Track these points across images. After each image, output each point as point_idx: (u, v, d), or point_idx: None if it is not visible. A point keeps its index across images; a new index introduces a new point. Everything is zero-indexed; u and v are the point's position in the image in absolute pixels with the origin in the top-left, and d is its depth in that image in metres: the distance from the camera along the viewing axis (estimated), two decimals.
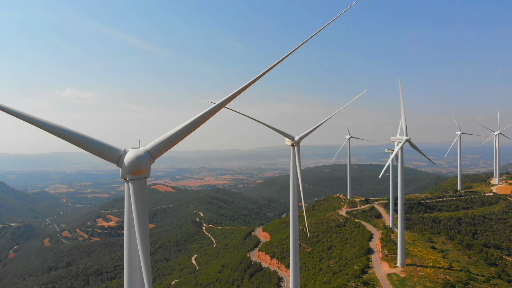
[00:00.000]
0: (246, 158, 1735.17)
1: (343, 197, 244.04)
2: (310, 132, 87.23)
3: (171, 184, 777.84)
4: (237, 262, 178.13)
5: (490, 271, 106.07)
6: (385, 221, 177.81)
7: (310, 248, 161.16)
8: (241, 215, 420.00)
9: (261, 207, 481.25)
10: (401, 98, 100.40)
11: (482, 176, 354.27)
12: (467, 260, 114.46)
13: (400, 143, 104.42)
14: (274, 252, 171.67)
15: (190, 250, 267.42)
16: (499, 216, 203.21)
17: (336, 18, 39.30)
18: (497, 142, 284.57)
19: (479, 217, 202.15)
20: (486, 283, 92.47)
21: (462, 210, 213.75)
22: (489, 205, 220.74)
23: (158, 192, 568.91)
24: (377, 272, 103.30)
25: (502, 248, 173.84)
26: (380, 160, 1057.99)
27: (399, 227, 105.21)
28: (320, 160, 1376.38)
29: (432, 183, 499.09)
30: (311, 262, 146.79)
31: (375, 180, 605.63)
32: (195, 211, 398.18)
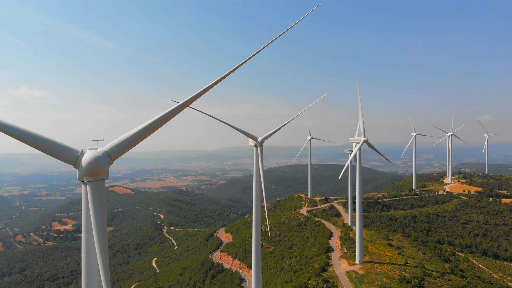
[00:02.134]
0: (209, 158, 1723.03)
1: (304, 196, 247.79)
2: (273, 133, 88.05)
3: (131, 186, 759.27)
4: (199, 264, 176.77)
5: (444, 267, 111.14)
6: (344, 219, 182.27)
7: (272, 248, 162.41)
8: (203, 216, 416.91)
9: (224, 208, 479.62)
10: (359, 100, 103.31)
11: (436, 176, 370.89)
12: (422, 256, 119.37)
13: (358, 143, 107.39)
14: (236, 253, 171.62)
15: (150, 253, 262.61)
16: (452, 214, 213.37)
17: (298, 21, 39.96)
18: (450, 143, 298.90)
19: (433, 215, 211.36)
20: (440, 279, 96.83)
21: (417, 208, 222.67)
22: (443, 203, 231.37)
23: (116, 194, 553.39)
24: (337, 270, 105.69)
25: (455, 244, 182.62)
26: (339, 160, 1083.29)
27: (358, 226, 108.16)
28: (283, 160, 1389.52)
29: (388, 183, 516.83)
30: (273, 261, 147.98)
31: (335, 179, 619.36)
32: (156, 213, 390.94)
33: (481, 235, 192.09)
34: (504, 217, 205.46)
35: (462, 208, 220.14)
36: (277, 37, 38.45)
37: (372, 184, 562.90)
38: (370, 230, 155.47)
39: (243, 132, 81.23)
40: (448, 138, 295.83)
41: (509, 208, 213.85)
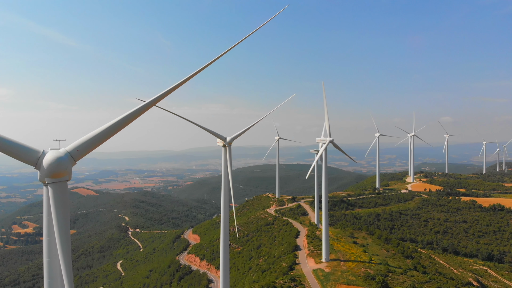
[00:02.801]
0: (176, 159, 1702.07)
1: (272, 196, 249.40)
2: (242, 133, 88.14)
3: (94, 187, 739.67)
4: (166, 266, 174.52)
5: (407, 263, 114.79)
6: (311, 218, 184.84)
7: (240, 248, 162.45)
8: (170, 218, 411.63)
9: (191, 209, 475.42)
10: (325, 101, 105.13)
11: (398, 175, 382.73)
12: (386, 253, 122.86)
13: (324, 144, 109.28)
14: (204, 254, 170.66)
15: (115, 256, 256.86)
16: (414, 212, 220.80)
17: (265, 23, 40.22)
18: (412, 143, 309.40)
19: (396, 213, 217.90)
20: (403, 275, 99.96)
21: (380, 206, 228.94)
22: (405, 201, 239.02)
23: (79, 196, 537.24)
24: (304, 268, 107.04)
25: (417, 241, 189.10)
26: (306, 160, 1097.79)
27: (324, 224, 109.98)
28: (251, 160, 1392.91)
29: (353, 182, 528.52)
30: (240, 261, 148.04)
31: (302, 179, 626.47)
32: (120, 215, 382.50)
33: (441, 232, 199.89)
34: (463, 215, 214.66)
35: (423, 206, 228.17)
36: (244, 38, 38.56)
37: (338, 183, 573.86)
38: (336, 228, 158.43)
39: (211, 132, 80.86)
40: (410, 139, 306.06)
41: (468, 206, 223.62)
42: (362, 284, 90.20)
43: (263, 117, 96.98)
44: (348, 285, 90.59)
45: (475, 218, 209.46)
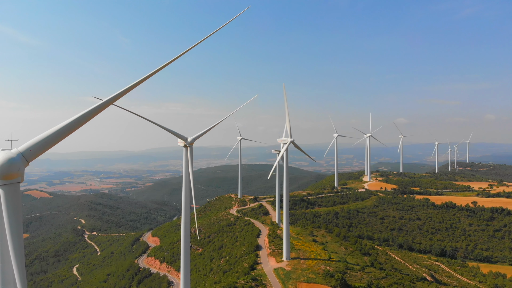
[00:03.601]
0: (134, 160, 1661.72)
1: (234, 196, 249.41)
2: (204, 134, 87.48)
3: (48, 189, 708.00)
4: (124, 269, 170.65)
5: (364, 260, 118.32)
6: (272, 217, 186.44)
7: (201, 250, 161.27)
8: (128, 220, 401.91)
9: (151, 211, 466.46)
10: (286, 103, 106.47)
11: (355, 174, 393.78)
12: (344, 251, 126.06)
13: (285, 144, 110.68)
14: (164, 257, 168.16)
15: (71, 260, 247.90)
16: (371, 210, 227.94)
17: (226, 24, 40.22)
18: (368, 143, 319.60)
19: (353, 211, 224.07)
20: (361, 272, 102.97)
21: (339, 205, 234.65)
22: (362, 200, 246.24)
23: (32, 199, 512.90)
24: (265, 268, 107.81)
25: (374, 238, 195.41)
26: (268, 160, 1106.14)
27: (284, 223, 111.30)
28: (213, 161, 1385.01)
29: (313, 181, 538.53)
30: (202, 263, 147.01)
31: (264, 179, 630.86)
32: (76, 218, 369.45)
33: (397, 229, 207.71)
34: (417, 212, 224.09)
35: (379, 204, 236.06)
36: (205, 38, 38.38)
37: (298, 182, 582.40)
38: (297, 227, 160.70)
39: (172, 132, 79.69)
40: (367, 139, 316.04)
41: (421, 204, 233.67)
42: (322, 281, 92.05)
43: (226, 118, 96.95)
44: (309, 283, 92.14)
45: (429, 215, 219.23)
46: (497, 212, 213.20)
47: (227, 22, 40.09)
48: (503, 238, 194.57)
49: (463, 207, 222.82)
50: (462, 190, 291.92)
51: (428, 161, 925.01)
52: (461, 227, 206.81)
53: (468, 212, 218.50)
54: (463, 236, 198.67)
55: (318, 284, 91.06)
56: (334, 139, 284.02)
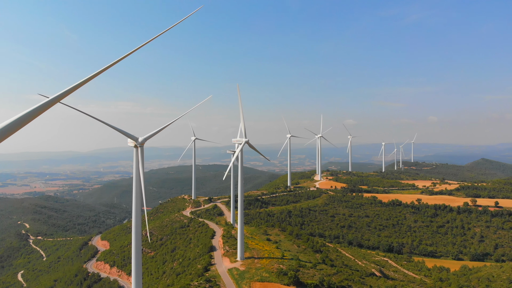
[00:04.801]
0: (82, 161, 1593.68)
1: (188, 198, 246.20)
2: (155, 133, 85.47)
3: None
4: (72, 274, 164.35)
5: (316, 258, 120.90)
6: (227, 218, 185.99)
7: (153, 253, 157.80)
8: (76, 224, 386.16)
9: (100, 214, 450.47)
10: (240, 103, 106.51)
11: (307, 174, 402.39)
12: (297, 248, 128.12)
13: (240, 144, 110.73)
14: (114, 261, 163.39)
15: (15, 266, 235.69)
16: (322, 208, 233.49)
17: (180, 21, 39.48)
18: (319, 143, 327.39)
19: (305, 209, 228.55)
20: (313, 269, 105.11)
21: (292, 203, 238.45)
22: (314, 198, 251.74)
23: None
24: (219, 268, 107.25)
25: (325, 236, 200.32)
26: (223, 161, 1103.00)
27: (239, 223, 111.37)
28: (166, 161, 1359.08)
29: (267, 181, 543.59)
30: (154, 266, 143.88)
31: (219, 179, 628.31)
32: (20, 222, 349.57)
33: (347, 226, 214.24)
34: (365, 210, 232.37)
35: (330, 202, 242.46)
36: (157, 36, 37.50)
37: (253, 182, 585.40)
38: (251, 226, 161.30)
39: (121, 131, 77.18)
40: (318, 140, 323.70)
41: (369, 202, 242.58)
42: (275, 280, 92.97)
43: (179, 117, 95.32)
44: (262, 282, 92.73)
45: (376, 212, 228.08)
46: (440, 209, 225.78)
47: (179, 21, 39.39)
48: (446, 233, 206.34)
49: (409, 205, 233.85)
50: (407, 188, 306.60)
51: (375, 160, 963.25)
52: (407, 223, 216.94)
53: (413, 209, 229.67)
54: (408, 232, 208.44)
55: (272, 283, 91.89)
56: (287, 139, 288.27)
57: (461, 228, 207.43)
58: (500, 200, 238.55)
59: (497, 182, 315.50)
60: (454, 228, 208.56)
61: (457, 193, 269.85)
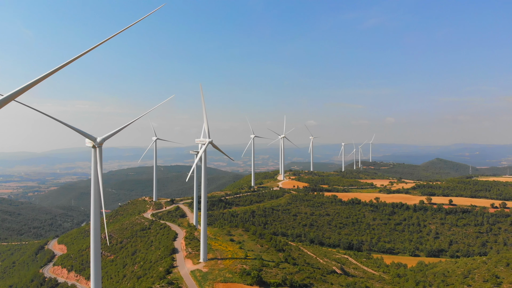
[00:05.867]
0: (37, 162, 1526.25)
1: (149, 199, 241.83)
2: (115, 133, 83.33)
3: None
4: (28, 280, 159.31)
5: (279, 257, 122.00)
6: (189, 219, 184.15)
7: (113, 256, 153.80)
8: (31, 227, 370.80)
9: (56, 217, 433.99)
10: (203, 103, 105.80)
11: (271, 174, 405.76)
12: (260, 248, 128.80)
13: (204, 145, 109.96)
14: (72, 265, 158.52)
15: None
16: (285, 207, 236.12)
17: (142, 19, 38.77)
18: (282, 144, 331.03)
19: (269, 209, 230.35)
20: (276, 268, 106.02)
21: (255, 203, 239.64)
22: (277, 198, 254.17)
23: None
24: (182, 271, 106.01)
25: (287, 235, 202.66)
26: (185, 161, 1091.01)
27: (202, 225, 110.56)
28: (125, 162, 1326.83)
29: (231, 181, 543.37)
30: (114, 270, 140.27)
31: (181, 180, 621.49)
32: None
33: (308, 225, 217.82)
34: (326, 208, 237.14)
35: (293, 201, 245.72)
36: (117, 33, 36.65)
37: (216, 183, 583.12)
38: (214, 227, 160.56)
39: (79, 131, 74.71)
40: (281, 140, 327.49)
41: (330, 201, 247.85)
42: (239, 280, 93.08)
43: (140, 117, 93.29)
44: (225, 282, 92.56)
45: (337, 211, 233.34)
46: (397, 207, 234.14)
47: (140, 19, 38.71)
48: (403, 231, 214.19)
49: (367, 203, 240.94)
50: (366, 187, 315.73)
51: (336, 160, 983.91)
52: (366, 221, 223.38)
53: (371, 207, 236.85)
54: (367, 230, 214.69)
55: (235, 283, 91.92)
56: (251, 140, 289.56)
57: (417, 226, 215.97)
58: (454, 198, 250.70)
59: (451, 181, 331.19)
60: (411, 225, 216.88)
61: (413, 192, 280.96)
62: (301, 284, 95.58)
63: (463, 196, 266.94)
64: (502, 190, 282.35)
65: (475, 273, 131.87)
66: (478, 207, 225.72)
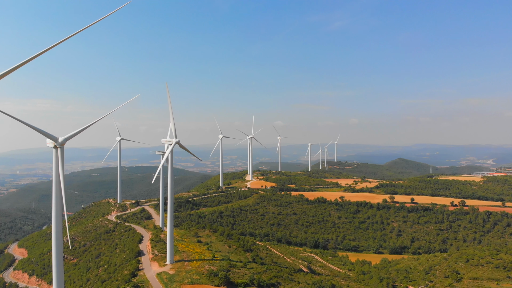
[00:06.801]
0: None
1: (113, 201, 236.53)
2: (77, 133, 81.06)
3: None
4: None
5: (247, 257, 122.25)
6: (155, 221, 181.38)
7: (76, 260, 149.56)
8: None
9: (16, 220, 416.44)
10: (169, 102, 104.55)
11: (239, 174, 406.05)
12: (228, 249, 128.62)
13: (170, 145, 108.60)
14: (33, 269, 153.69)
15: None
16: (253, 207, 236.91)
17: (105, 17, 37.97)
18: (251, 144, 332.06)
19: (237, 209, 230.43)
20: (244, 268, 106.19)
21: (223, 204, 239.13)
22: (245, 198, 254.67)
23: None
24: (148, 273, 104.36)
25: (255, 235, 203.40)
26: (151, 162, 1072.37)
27: (168, 226, 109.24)
28: (88, 163, 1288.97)
29: (198, 182, 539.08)
30: (77, 273, 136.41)
31: (147, 182, 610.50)
32: None
33: (276, 224, 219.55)
34: (293, 208, 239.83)
35: (261, 201, 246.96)
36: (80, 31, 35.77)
37: (183, 184, 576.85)
38: (181, 229, 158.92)
39: (40, 131, 72.19)
40: (249, 140, 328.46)
41: (297, 200, 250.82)
42: (206, 281, 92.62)
43: (103, 116, 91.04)
44: (193, 284, 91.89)
45: (303, 210, 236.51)
46: (362, 206, 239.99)
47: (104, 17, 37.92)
48: (367, 229, 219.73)
49: (333, 202, 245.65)
50: (332, 186, 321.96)
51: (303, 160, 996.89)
52: (332, 220, 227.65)
53: (337, 206, 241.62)
54: (333, 228, 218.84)
55: (202, 285, 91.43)
56: (219, 140, 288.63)
57: (380, 224, 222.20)
58: (416, 197, 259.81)
59: (413, 180, 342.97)
60: (375, 223, 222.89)
61: (377, 191, 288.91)
62: (269, 283, 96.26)
63: (424, 194, 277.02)
64: (461, 189, 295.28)
65: (436, 269, 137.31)
66: (439, 205, 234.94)
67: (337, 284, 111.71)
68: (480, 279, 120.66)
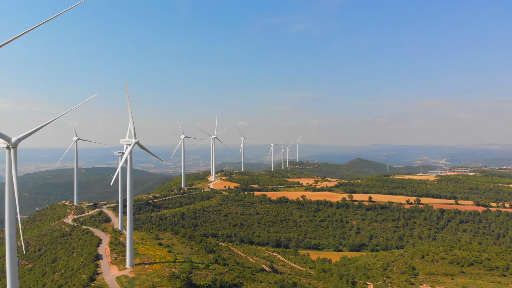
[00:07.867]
0: None
1: (69, 204, 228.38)
2: (32, 133, 77.99)
3: None
4: None
5: (209, 258, 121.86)
6: (114, 224, 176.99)
7: (31, 264, 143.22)
8: None
9: None
10: (128, 101, 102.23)
11: (202, 174, 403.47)
12: (190, 251, 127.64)
13: (129, 145, 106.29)
14: None
15: None
16: (216, 208, 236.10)
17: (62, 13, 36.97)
18: (214, 144, 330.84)
19: (199, 210, 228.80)
20: (206, 269, 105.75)
21: (185, 205, 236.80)
22: (208, 199, 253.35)
23: None
24: (106, 277, 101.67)
25: (218, 236, 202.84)
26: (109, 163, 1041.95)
27: (128, 229, 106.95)
28: (43, 164, 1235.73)
29: (159, 183, 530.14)
30: (32, 279, 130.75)
31: (105, 183, 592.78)
32: None
33: (239, 224, 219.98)
34: (256, 208, 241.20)
35: (223, 202, 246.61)
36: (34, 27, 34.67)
37: (143, 185, 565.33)
38: (141, 232, 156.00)
39: None
40: (212, 141, 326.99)
41: (260, 200, 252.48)
42: (167, 284, 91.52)
43: (60, 116, 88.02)
44: (154, 287, 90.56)
45: (266, 210, 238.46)
46: (322, 204, 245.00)
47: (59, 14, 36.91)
48: (328, 227, 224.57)
49: (294, 201, 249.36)
50: (293, 186, 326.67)
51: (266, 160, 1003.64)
52: (293, 219, 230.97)
53: (298, 205, 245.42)
54: (295, 227, 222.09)
55: (164, 287, 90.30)
56: (181, 140, 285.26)
57: (340, 222, 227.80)
58: (373, 195, 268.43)
59: (370, 179, 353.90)
60: (334, 221, 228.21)
61: (336, 190, 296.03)
62: (231, 284, 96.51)
63: (381, 193, 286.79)
64: (416, 187, 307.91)
65: (394, 266, 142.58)
66: (395, 203, 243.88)
67: (299, 282, 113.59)
68: (435, 274, 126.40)
